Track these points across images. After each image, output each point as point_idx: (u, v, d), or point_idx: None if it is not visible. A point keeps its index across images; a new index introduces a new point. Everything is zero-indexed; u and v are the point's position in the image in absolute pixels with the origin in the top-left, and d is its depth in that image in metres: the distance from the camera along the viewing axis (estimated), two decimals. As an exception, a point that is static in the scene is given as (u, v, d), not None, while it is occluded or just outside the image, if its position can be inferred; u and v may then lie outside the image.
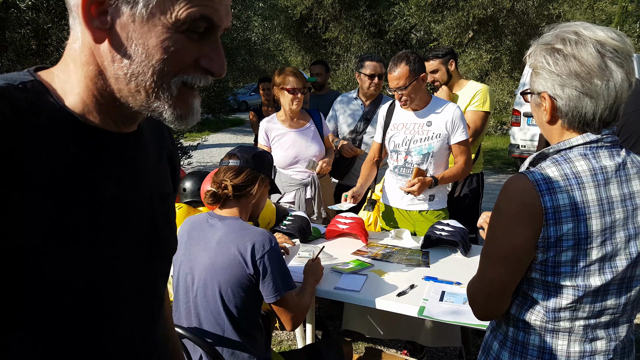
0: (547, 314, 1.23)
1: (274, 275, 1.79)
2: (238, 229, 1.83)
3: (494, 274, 1.24)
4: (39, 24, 3.99)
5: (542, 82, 1.21)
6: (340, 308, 3.54)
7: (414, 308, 2.02)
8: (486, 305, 1.30)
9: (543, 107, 1.24)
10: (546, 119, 1.24)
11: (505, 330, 1.33)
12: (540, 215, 1.14)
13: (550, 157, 1.22)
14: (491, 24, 11.05)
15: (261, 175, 1.95)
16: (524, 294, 1.27)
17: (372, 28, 12.72)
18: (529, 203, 1.15)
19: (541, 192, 1.14)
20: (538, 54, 1.23)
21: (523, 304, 1.28)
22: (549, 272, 1.18)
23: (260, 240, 1.78)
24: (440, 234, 2.64)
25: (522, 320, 1.27)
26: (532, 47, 1.27)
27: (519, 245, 1.18)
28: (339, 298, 2.22)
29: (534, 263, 1.20)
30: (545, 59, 1.19)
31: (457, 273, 2.36)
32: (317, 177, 3.30)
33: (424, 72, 2.74)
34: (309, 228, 2.92)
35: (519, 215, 1.17)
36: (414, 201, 2.92)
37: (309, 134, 3.33)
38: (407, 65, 2.68)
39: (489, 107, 3.64)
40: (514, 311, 1.29)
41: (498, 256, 1.23)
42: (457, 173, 2.88)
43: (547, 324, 1.24)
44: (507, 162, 10.82)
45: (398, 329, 2.98)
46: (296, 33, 13.43)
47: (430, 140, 2.82)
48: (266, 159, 2.02)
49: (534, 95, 1.26)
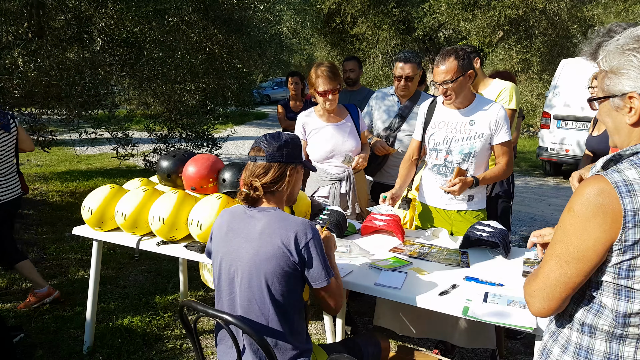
0: (616, 319, 1.20)
1: (319, 261, 1.81)
2: (279, 219, 1.83)
3: (560, 274, 1.22)
4: (81, 11, 4.05)
5: (629, 82, 1.19)
6: (368, 304, 3.54)
7: (458, 308, 2.00)
8: (547, 303, 1.26)
9: (628, 109, 1.21)
10: (632, 121, 1.21)
11: (568, 334, 1.31)
12: (619, 217, 1.12)
13: (627, 159, 1.20)
14: (522, 25, 10.89)
15: (291, 166, 1.92)
16: (591, 297, 1.25)
17: (400, 25, 12.61)
18: (608, 205, 1.13)
19: (621, 194, 1.13)
20: (618, 55, 1.21)
21: (590, 307, 1.25)
22: (622, 275, 1.17)
23: (302, 229, 1.79)
24: (481, 234, 2.61)
25: (589, 324, 1.25)
26: (604, 52, 1.26)
27: (590, 246, 1.16)
28: (379, 294, 2.21)
29: (606, 265, 1.18)
30: (637, 57, 1.17)
31: (499, 275, 2.33)
32: (352, 172, 3.29)
33: (471, 69, 2.71)
34: (345, 223, 2.91)
35: (595, 217, 1.15)
36: (452, 201, 2.89)
37: (346, 129, 3.31)
38: (456, 59, 2.64)
39: (516, 104, 3.62)
40: (580, 315, 1.27)
41: (568, 257, 1.20)
42: (499, 174, 2.84)
43: (615, 329, 1.21)
44: (534, 165, 10.70)
45: (431, 328, 2.96)
46: (323, 28, 13.38)
47: (472, 139, 2.78)
48: (293, 146, 1.94)
49: (615, 98, 1.24)
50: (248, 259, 1.81)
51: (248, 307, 1.83)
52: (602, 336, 1.24)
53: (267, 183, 1.87)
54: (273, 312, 1.81)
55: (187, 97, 5.64)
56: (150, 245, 2.81)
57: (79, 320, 3.59)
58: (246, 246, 1.83)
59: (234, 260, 1.86)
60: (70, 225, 5.73)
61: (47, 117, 5.64)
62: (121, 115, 5.68)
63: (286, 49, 8.41)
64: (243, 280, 1.83)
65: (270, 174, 1.86)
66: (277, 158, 1.88)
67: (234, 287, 1.87)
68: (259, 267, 1.79)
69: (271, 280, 1.78)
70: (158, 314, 3.74)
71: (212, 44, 5.80)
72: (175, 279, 4.27)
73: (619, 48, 1.22)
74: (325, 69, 3.15)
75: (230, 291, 1.88)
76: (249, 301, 1.82)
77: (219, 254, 1.92)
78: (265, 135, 1.95)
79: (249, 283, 1.81)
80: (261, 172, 1.87)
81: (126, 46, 4.70)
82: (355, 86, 4.86)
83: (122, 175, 8.90)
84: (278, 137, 1.92)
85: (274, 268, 1.77)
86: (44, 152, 5.60)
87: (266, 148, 1.88)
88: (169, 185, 3.14)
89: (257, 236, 1.82)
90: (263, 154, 1.88)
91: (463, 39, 11.95)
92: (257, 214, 1.88)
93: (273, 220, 1.84)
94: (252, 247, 1.81)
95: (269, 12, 6.60)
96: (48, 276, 4.36)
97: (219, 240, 1.93)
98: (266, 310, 1.81)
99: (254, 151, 1.92)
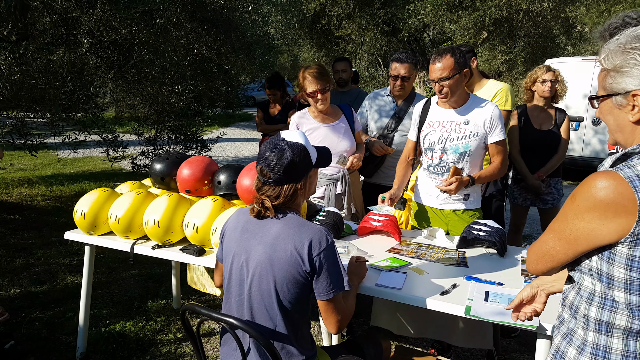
0: (631, 312, 1.21)
1: (329, 273, 1.76)
2: (295, 225, 1.80)
3: (551, 247, 1.32)
4: (68, 12, 3.98)
5: (633, 80, 1.21)
6: (364, 305, 3.53)
7: (460, 308, 2.00)
8: (535, 266, 1.40)
9: (631, 107, 1.23)
10: (635, 119, 1.23)
11: (583, 335, 1.31)
12: (634, 210, 1.14)
13: (638, 155, 1.22)
14: (506, 25, 11.00)
15: (301, 182, 1.85)
16: (602, 294, 1.26)
17: (385, 26, 12.66)
18: (621, 199, 1.15)
19: (635, 188, 1.14)
20: (620, 54, 1.23)
21: (604, 305, 1.26)
22: (635, 267, 1.18)
23: (318, 237, 1.76)
24: (478, 233, 2.62)
25: (605, 322, 1.26)
26: (604, 52, 1.28)
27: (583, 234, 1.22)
28: (380, 295, 2.20)
29: (617, 258, 1.19)
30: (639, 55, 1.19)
31: (497, 273, 2.34)
32: (347, 173, 3.29)
33: (467, 68, 2.72)
34: (342, 224, 2.90)
35: (593, 210, 1.18)
36: (448, 200, 2.90)
37: (341, 129, 3.31)
38: (452, 57, 2.65)
39: (511, 105, 3.67)
40: (595, 314, 1.27)
41: (561, 235, 1.28)
42: (494, 173, 2.86)
43: (632, 324, 1.22)
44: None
45: (429, 327, 2.96)
46: (309, 29, 13.38)
47: (467, 138, 2.79)
48: (300, 162, 1.81)
49: (618, 96, 1.25)
50: (260, 261, 1.78)
51: (257, 310, 1.81)
52: (620, 334, 1.24)
53: (278, 205, 1.83)
54: (281, 317, 1.79)
55: (175, 99, 5.59)
56: (145, 249, 2.77)
57: (70, 326, 3.53)
58: (260, 249, 1.80)
59: (246, 261, 1.83)
60: (58, 230, 5.68)
61: (31, 120, 5.56)
62: (107, 118, 5.61)
63: (273, 50, 8.39)
64: (253, 282, 1.80)
65: (282, 197, 1.82)
66: (285, 181, 1.81)
67: (243, 289, 1.84)
68: (269, 271, 1.76)
69: (280, 285, 1.76)
70: (151, 318, 3.69)
71: (200, 46, 5.75)
72: (167, 283, 4.23)
73: (621, 47, 1.24)
74: (312, 71, 3.15)
75: (240, 292, 1.85)
76: (258, 304, 1.80)
77: (230, 254, 1.89)
78: (266, 155, 1.81)
79: (259, 286, 1.79)
80: (272, 194, 1.82)
81: (114, 48, 4.64)
82: (346, 87, 4.85)
83: (108, 178, 8.79)
84: (281, 157, 1.78)
85: (285, 274, 1.75)
86: (27, 156, 5.51)
87: (272, 172, 1.79)
88: (162, 188, 3.11)
89: (272, 240, 1.78)
90: (269, 178, 1.80)
91: (448, 39, 12.04)
92: (274, 217, 1.84)
93: (289, 225, 1.80)
94: (265, 251, 1.78)
95: (257, 14, 6.57)
96: (36, 282, 4.29)
97: (232, 240, 1.90)
98: (274, 314, 1.79)
99: (260, 173, 1.84)
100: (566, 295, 1.41)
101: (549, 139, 3.87)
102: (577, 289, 1.34)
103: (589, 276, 1.29)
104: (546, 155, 3.88)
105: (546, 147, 3.89)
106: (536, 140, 3.88)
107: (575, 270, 1.34)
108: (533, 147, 3.90)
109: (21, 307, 3.83)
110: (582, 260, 1.29)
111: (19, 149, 4.69)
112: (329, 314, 1.83)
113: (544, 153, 3.90)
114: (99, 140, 5.41)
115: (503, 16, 10.27)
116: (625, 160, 1.24)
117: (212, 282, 3.50)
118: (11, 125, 4.40)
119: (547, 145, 3.89)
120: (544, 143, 3.88)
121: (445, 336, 2.93)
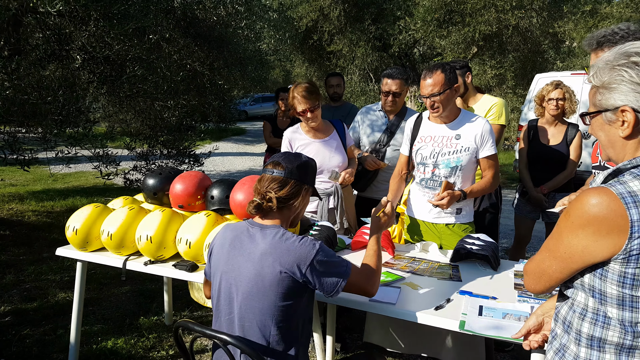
0: (624, 329, 1.22)
1: (326, 275, 1.80)
2: (280, 241, 1.80)
3: (547, 266, 1.33)
4: (61, 28, 3.99)
5: (620, 96, 1.23)
6: (357, 320, 3.53)
7: (454, 322, 2.00)
8: (534, 286, 1.40)
9: (621, 122, 1.25)
10: (625, 134, 1.24)
11: (576, 351, 1.32)
12: (626, 227, 1.15)
13: (629, 171, 1.23)
14: (496, 41, 11.15)
15: (305, 186, 1.96)
16: (595, 310, 1.26)
17: (376, 42, 12.80)
18: (613, 216, 1.16)
19: (627, 204, 1.15)
20: (608, 71, 1.26)
21: (596, 320, 1.26)
22: (627, 284, 1.19)
23: (304, 253, 1.77)
24: (471, 247, 2.63)
25: (598, 338, 1.26)
26: (594, 68, 1.30)
27: (577, 252, 1.23)
28: (374, 310, 2.19)
29: (609, 274, 1.20)
30: (626, 72, 1.21)
31: (491, 287, 2.34)
32: (340, 187, 3.30)
33: (457, 83, 2.75)
34: (336, 239, 2.90)
35: (588, 226, 1.19)
36: (440, 214, 2.92)
37: (333, 144, 3.33)
38: (442, 73, 2.69)
39: (505, 120, 3.68)
40: (587, 329, 1.28)
41: (556, 254, 1.29)
42: (486, 187, 2.88)
43: (624, 340, 1.22)
44: (511, 178, 10.85)
45: (421, 343, 2.95)
46: (301, 45, 13.50)
47: (458, 153, 2.82)
48: (310, 168, 2.01)
49: (607, 112, 1.27)
50: (249, 278, 1.78)
51: (249, 328, 1.79)
52: (612, 349, 1.25)
53: (282, 197, 1.88)
54: (275, 333, 1.78)
55: (167, 113, 5.60)
56: (138, 265, 2.75)
57: (61, 343, 3.49)
58: (247, 266, 1.80)
59: (234, 280, 1.82)
60: (48, 246, 5.63)
61: (22, 135, 5.54)
62: (99, 133, 5.60)
63: (265, 65, 8.45)
64: (244, 301, 1.79)
65: (286, 189, 1.88)
66: (295, 175, 1.90)
67: (232, 307, 1.83)
68: (260, 289, 1.76)
69: (271, 302, 1.76)
70: (143, 335, 3.65)
71: (193, 61, 5.78)
72: (159, 299, 4.19)
73: (609, 64, 1.26)
74: (301, 90, 3.15)
75: (229, 311, 1.84)
76: (250, 322, 1.79)
77: (218, 272, 1.88)
78: (285, 152, 2.00)
79: (250, 304, 1.78)
80: (276, 186, 1.88)
81: (107, 64, 4.66)
82: (338, 102, 4.89)
83: (99, 193, 8.75)
84: (298, 157, 1.97)
85: (277, 290, 1.75)
86: (18, 172, 5.48)
87: (285, 164, 1.91)
88: (155, 203, 3.10)
89: (258, 258, 1.78)
90: (281, 168, 1.90)
91: (438, 55, 12.17)
92: (259, 233, 1.85)
93: (275, 242, 1.80)
94: (253, 268, 1.78)
95: (249, 30, 6.62)
96: (27, 299, 4.24)
97: (219, 258, 1.90)
98: (267, 332, 1.78)
99: (271, 165, 1.94)
100: (559, 311, 1.41)
101: (555, 154, 3.83)
102: (570, 304, 1.35)
103: (582, 292, 1.29)
104: (555, 171, 3.85)
105: (554, 162, 3.85)
106: (542, 155, 3.87)
107: (568, 287, 1.35)
108: (539, 162, 3.90)
109: (11, 324, 3.78)
110: (576, 277, 1.30)
111: (11, 164, 4.66)
112: (355, 292, 1.91)
113: (553, 168, 3.86)
114: (91, 156, 5.39)
115: (492, 31, 10.41)
116: (617, 176, 1.25)
117: (206, 297, 3.48)
118: (3, 141, 4.39)
119: (554, 160, 3.85)
120: (551, 158, 3.84)
121: (437, 352, 2.92)
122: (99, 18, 4.05)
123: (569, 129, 3.83)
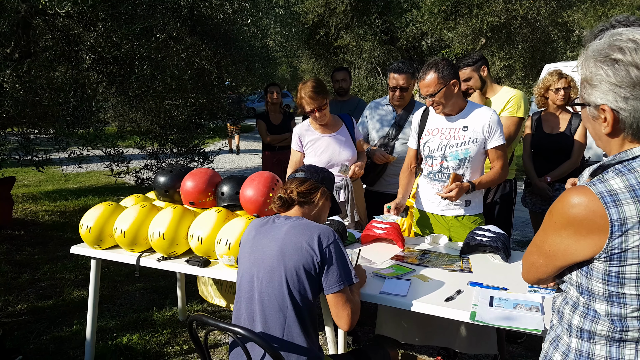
0: (613, 323, 1.22)
1: (338, 265, 1.89)
2: (305, 224, 1.99)
3: (535, 260, 1.36)
4: (70, 29, 4.03)
5: (600, 94, 1.20)
6: (368, 314, 3.54)
7: (465, 313, 2.02)
8: (526, 276, 1.45)
9: (602, 120, 1.23)
10: (606, 132, 1.23)
11: (567, 341, 1.33)
12: (605, 227, 1.14)
13: (612, 168, 1.21)
14: (504, 31, 11.05)
15: (322, 187, 2.17)
16: (585, 305, 1.27)
17: (383, 35, 12.74)
18: (593, 216, 1.15)
19: (606, 204, 1.14)
20: (592, 65, 1.22)
21: (586, 315, 1.27)
22: (612, 282, 1.18)
23: (326, 232, 1.93)
24: (481, 239, 2.64)
25: (587, 330, 1.27)
26: (582, 57, 1.26)
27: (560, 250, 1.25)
28: (385, 302, 2.21)
29: (594, 272, 1.20)
30: (604, 70, 1.18)
31: (501, 278, 2.35)
32: (350, 181, 3.31)
33: (454, 78, 2.75)
34: (345, 233, 2.93)
35: (568, 227, 1.20)
36: (449, 206, 2.92)
37: (342, 139, 3.34)
38: (435, 72, 2.71)
39: (523, 112, 3.59)
40: (577, 322, 1.29)
41: (542, 250, 1.31)
42: (494, 178, 2.88)
43: (613, 333, 1.23)
44: (521, 169, 10.79)
45: (433, 335, 2.97)
46: (308, 40, 13.47)
47: (466, 145, 2.82)
48: (327, 177, 2.26)
49: (590, 107, 1.26)
50: (272, 255, 1.92)
51: (268, 303, 1.89)
52: (602, 340, 1.25)
53: (302, 192, 2.10)
54: (291, 308, 1.87)
55: (176, 112, 5.63)
56: (151, 262, 2.79)
57: (77, 340, 3.55)
58: (271, 246, 1.94)
59: (257, 260, 1.96)
60: (62, 245, 5.70)
61: (34, 136, 5.60)
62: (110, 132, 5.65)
63: (272, 62, 8.45)
64: (265, 276, 1.91)
65: (306, 185, 2.13)
66: (313, 176, 2.19)
67: (253, 285, 1.95)
68: (280, 261, 1.88)
69: (291, 274, 1.86)
70: (157, 330, 3.70)
71: (201, 59, 5.80)
72: (172, 295, 4.24)
73: (595, 56, 1.22)
74: (308, 90, 3.19)
75: (250, 289, 1.96)
76: (269, 297, 1.89)
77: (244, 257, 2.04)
78: (307, 165, 2.35)
79: (271, 278, 1.89)
80: (298, 183, 2.13)
81: (116, 63, 4.69)
82: (345, 96, 4.89)
83: (111, 192, 8.83)
84: (320, 168, 2.29)
85: (296, 262, 1.87)
86: (31, 173, 5.55)
87: (305, 169, 2.23)
88: (166, 200, 3.13)
89: (283, 235, 1.94)
90: (302, 172, 2.20)
91: (446, 47, 12.10)
92: (284, 221, 2.03)
93: (299, 224, 1.99)
94: (277, 245, 1.93)
95: (256, 26, 6.62)
96: (43, 297, 4.31)
97: (245, 246, 2.06)
98: (285, 306, 1.87)
99: (295, 171, 2.25)
100: (555, 301, 1.43)
101: (558, 142, 3.78)
102: (564, 295, 1.36)
103: (572, 287, 1.31)
104: (559, 161, 3.81)
105: (558, 152, 3.81)
106: (544, 144, 3.84)
107: (562, 281, 1.35)
108: (542, 151, 3.87)
109: (28, 322, 3.85)
110: (565, 273, 1.31)
111: (25, 165, 4.73)
112: (340, 307, 1.91)
113: (557, 158, 3.82)
114: (102, 155, 5.45)
115: (501, 22, 10.32)
116: (602, 172, 1.23)
117: (217, 292, 3.52)
118: (16, 142, 4.45)
119: (558, 149, 3.81)
120: (554, 147, 3.80)
121: (450, 343, 2.94)
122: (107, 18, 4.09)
123: (573, 118, 3.79)
